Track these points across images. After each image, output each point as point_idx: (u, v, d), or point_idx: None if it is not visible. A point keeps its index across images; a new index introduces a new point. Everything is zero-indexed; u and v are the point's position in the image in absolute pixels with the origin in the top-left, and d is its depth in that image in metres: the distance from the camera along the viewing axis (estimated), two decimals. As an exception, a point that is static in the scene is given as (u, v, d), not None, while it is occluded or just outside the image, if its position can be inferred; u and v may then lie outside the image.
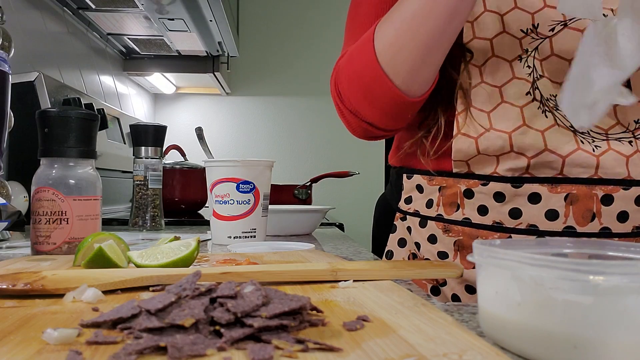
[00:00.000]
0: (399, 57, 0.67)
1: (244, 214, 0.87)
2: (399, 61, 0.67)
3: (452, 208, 0.75)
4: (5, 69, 0.76)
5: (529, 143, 0.68)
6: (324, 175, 1.88)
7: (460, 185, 0.74)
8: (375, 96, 0.70)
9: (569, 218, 0.69)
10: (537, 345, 0.31)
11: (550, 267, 0.30)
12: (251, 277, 0.46)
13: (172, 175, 1.49)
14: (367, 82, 0.70)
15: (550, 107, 0.69)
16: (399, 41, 0.67)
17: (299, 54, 2.88)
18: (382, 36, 0.68)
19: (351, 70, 0.72)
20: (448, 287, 0.76)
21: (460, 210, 0.74)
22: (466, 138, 0.70)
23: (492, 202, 0.72)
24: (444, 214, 0.76)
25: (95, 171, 0.74)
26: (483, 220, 0.72)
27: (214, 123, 2.84)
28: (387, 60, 0.68)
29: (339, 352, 0.29)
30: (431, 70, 0.69)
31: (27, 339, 0.31)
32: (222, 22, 1.80)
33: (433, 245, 0.77)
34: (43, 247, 0.69)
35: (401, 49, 0.67)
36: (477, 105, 0.71)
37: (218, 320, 0.30)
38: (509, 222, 0.71)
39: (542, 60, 0.69)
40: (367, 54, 0.69)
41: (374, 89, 0.70)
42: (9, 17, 1.10)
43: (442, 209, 0.76)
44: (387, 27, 0.68)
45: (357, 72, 0.71)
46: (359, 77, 0.71)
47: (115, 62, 2.18)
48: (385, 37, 0.68)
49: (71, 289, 0.42)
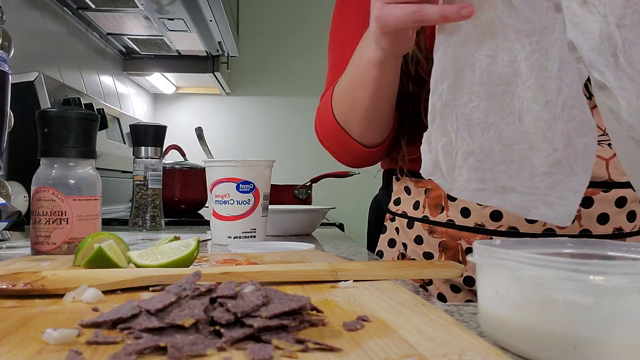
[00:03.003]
0: (349, 117, 0.76)
1: (244, 214, 0.87)
2: (350, 120, 0.76)
3: (437, 210, 0.77)
4: (5, 69, 0.76)
5: None
6: (324, 175, 1.88)
7: None
8: (342, 147, 0.81)
9: None
10: (537, 345, 0.31)
11: (551, 267, 0.30)
12: (251, 277, 0.46)
13: (172, 175, 1.48)
14: (333, 136, 0.80)
15: None
16: (344, 102, 0.75)
17: (299, 54, 2.88)
18: (335, 99, 0.78)
19: (321, 124, 0.83)
20: (434, 287, 0.78)
21: (444, 212, 0.76)
22: None
23: (474, 205, 0.73)
24: (429, 216, 0.78)
25: (95, 171, 0.74)
26: (466, 222, 0.74)
27: (214, 123, 2.83)
28: (342, 120, 0.77)
29: (339, 352, 0.29)
30: (380, 124, 0.76)
31: (27, 339, 0.31)
32: (222, 22, 1.80)
33: (419, 246, 0.79)
34: (43, 247, 0.69)
35: (347, 109, 0.75)
36: None
37: (218, 320, 0.30)
38: (490, 224, 0.73)
39: None
40: (328, 114, 0.79)
41: (339, 142, 0.80)
42: (9, 17, 1.10)
43: (427, 210, 0.78)
44: (337, 89, 0.77)
45: (325, 128, 0.82)
46: (327, 132, 0.82)
47: (115, 62, 2.18)
48: (336, 100, 0.77)
49: (71, 289, 0.42)
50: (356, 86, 0.71)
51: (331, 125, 0.79)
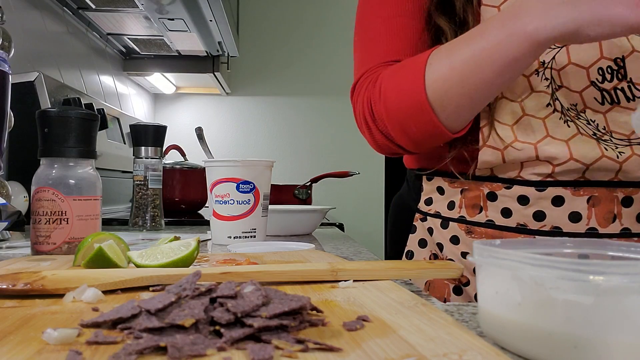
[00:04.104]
0: (448, 96, 0.66)
1: (244, 214, 0.87)
2: (448, 100, 0.66)
3: (474, 210, 0.76)
4: (5, 69, 0.76)
5: (555, 152, 0.69)
6: (324, 175, 1.88)
7: (483, 188, 0.74)
8: (414, 124, 0.69)
9: (591, 220, 0.70)
10: (537, 345, 0.31)
11: (550, 267, 0.30)
12: (251, 277, 0.46)
13: (172, 175, 1.49)
14: (410, 111, 0.68)
15: (572, 117, 0.70)
16: (450, 81, 0.65)
17: (299, 53, 2.88)
18: (435, 70, 0.66)
19: (393, 94, 0.70)
20: (471, 287, 0.77)
21: (483, 212, 0.75)
22: (493, 150, 0.71)
23: (516, 205, 0.72)
24: (466, 216, 0.76)
25: (95, 171, 0.74)
26: (507, 222, 0.73)
27: (214, 123, 2.83)
28: (435, 96, 0.66)
29: (339, 352, 0.29)
30: (476, 112, 0.69)
31: (27, 339, 0.31)
32: (222, 22, 1.80)
33: (456, 246, 0.78)
34: (43, 247, 0.69)
35: (452, 89, 0.65)
36: (500, 118, 0.71)
37: (218, 320, 0.30)
38: (533, 224, 0.72)
39: (559, 70, 0.70)
40: (415, 83, 0.67)
41: (414, 118, 0.68)
42: (9, 17, 1.10)
43: (464, 210, 0.77)
44: (442, 62, 0.66)
45: (400, 98, 0.69)
46: (402, 104, 0.69)
47: (115, 62, 2.18)
48: (438, 72, 0.66)
49: (71, 289, 0.42)
50: (480, 63, 0.62)
51: (413, 99, 0.67)
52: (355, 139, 2.98)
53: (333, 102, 2.84)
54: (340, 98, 2.82)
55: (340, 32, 2.84)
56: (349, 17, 3.31)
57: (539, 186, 0.71)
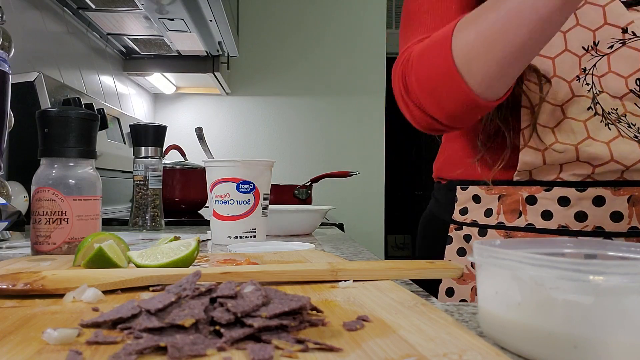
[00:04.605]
0: (475, 62, 0.64)
1: (244, 214, 0.87)
2: (476, 65, 0.64)
3: (513, 215, 0.76)
4: (5, 69, 0.76)
5: (595, 153, 0.69)
6: (324, 175, 1.88)
7: (522, 192, 0.75)
8: (445, 93, 0.67)
9: (632, 219, 0.70)
10: (537, 345, 0.31)
11: (550, 267, 0.30)
12: (251, 277, 0.46)
13: (172, 175, 1.49)
14: (439, 78, 0.67)
15: (613, 120, 0.70)
16: (477, 46, 0.63)
17: (299, 54, 2.87)
18: (462, 36, 0.64)
19: (423, 64, 0.69)
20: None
21: (522, 216, 0.75)
22: (533, 151, 0.71)
23: (556, 207, 0.72)
24: (505, 222, 0.77)
25: (95, 171, 0.74)
26: (548, 225, 0.73)
27: (214, 123, 2.83)
28: (463, 62, 0.64)
29: (339, 352, 0.29)
30: (508, 80, 0.67)
31: (27, 339, 0.31)
32: (222, 22, 1.80)
33: None
34: (43, 247, 0.69)
35: (479, 55, 0.63)
36: (541, 121, 0.72)
37: (218, 320, 0.30)
38: (574, 225, 0.72)
39: (600, 77, 0.71)
40: (443, 51, 0.66)
41: (444, 86, 0.67)
42: (9, 17, 1.10)
43: (502, 216, 0.77)
44: (469, 28, 0.64)
45: (429, 67, 0.68)
46: (431, 72, 0.68)
47: (115, 62, 2.18)
48: (465, 38, 0.64)
49: (71, 289, 0.42)
50: (508, 26, 0.60)
51: (441, 64, 0.66)
52: (355, 139, 2.99)
53: (333, 102, 2.84)
54: (341, 98, 2.82)
55: (341, 32, 2.84)
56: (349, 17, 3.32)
57: (580, 186, 0.71)
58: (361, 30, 2.85)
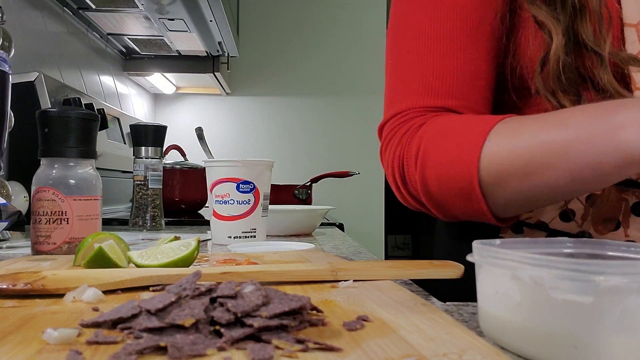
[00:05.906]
0: (504, 185, 0.54)
1: (244, 214, 0.87)
2: (502, 188, 0.54)
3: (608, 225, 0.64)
4: (5, 69, 0.76)
5: None
6: (324, 175, 1.88)
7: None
8: (456, 208, 0.59)
9: None
10: (537, 345, 0.31)
11: (550, 267, 0.30)
12: (251, 277, 0.46)
13: (172, 175, 1.49)
14: (454, 192, 0.57)
15: None
16: (509, 167, 0.53)
17: (299, 54, 2.87)
18: (494, 149, 0.53)
19: (437, 171, 0.58)
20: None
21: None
22: None
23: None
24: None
25: (95, 171, 0.74)
26: None
27: (214, 123, 2.83)
28: (489, 180, 0.54)
29: (339, 352, 0.29)
30: (533, 208, 0.60)
31: (27, 339, 0.31)
32: (222, 22, 1.80)
33: None
34: (43, 247, 0.69)
35: (510, 178, 0.53)
36: None
37: (218, 320, 0.30)
38: None
39: None
40: (468, 162, 0.54)
41: (457, 198, 0.57)
42: (9, 17, 1.10)
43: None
44: (505, 140, 0.53)
45: (443, 177, 0.57)
46: (444, 183, 0.57)
47: (115, 62, 2.18)
48: (498, 153, 0.53)
49: (71, 289, 0.42)
50: (556, 154, 0.50)
51: (461, 182, 0.56)
52: (355, 139, 2.99)
53: (333, 102, 2.84)
54: (341, 98, 2.82)
55: (341, 32, 2.84)
56: (349, 17, 3.31)
57: None
58: (361, 30, 2.85)
